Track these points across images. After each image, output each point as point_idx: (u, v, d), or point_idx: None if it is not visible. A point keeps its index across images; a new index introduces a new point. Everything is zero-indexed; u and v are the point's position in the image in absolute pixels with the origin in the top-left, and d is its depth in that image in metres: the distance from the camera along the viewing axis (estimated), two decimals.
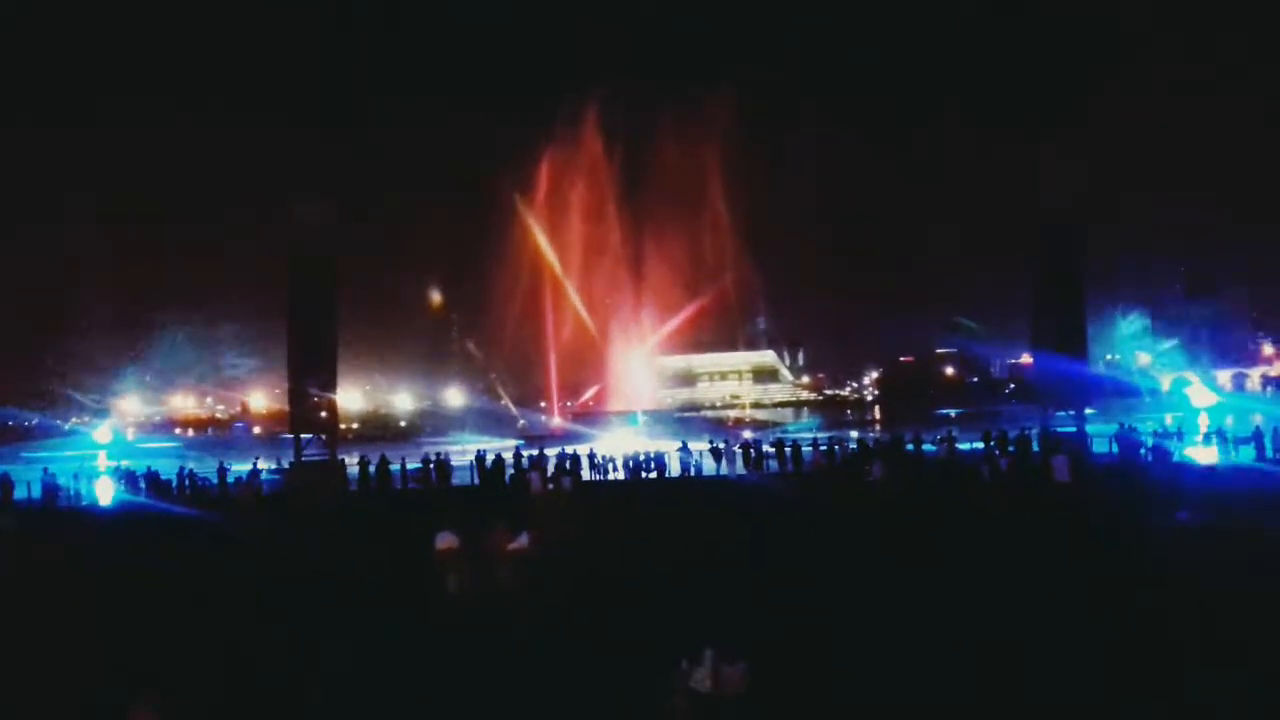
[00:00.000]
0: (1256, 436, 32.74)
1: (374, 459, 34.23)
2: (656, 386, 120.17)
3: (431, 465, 33.99)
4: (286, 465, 33.14)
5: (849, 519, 22.97)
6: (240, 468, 34.78)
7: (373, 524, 25.26)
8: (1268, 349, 67.27)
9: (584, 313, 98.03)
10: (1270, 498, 23.49)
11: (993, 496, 25.71)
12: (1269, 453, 31.62)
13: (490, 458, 34.22)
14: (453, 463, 34.44)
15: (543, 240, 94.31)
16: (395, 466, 33.70)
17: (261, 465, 34.17)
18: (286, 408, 31.55)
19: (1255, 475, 28.63)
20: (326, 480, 31.05)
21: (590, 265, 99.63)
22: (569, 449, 36.98)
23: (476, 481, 33.04)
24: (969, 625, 13.07)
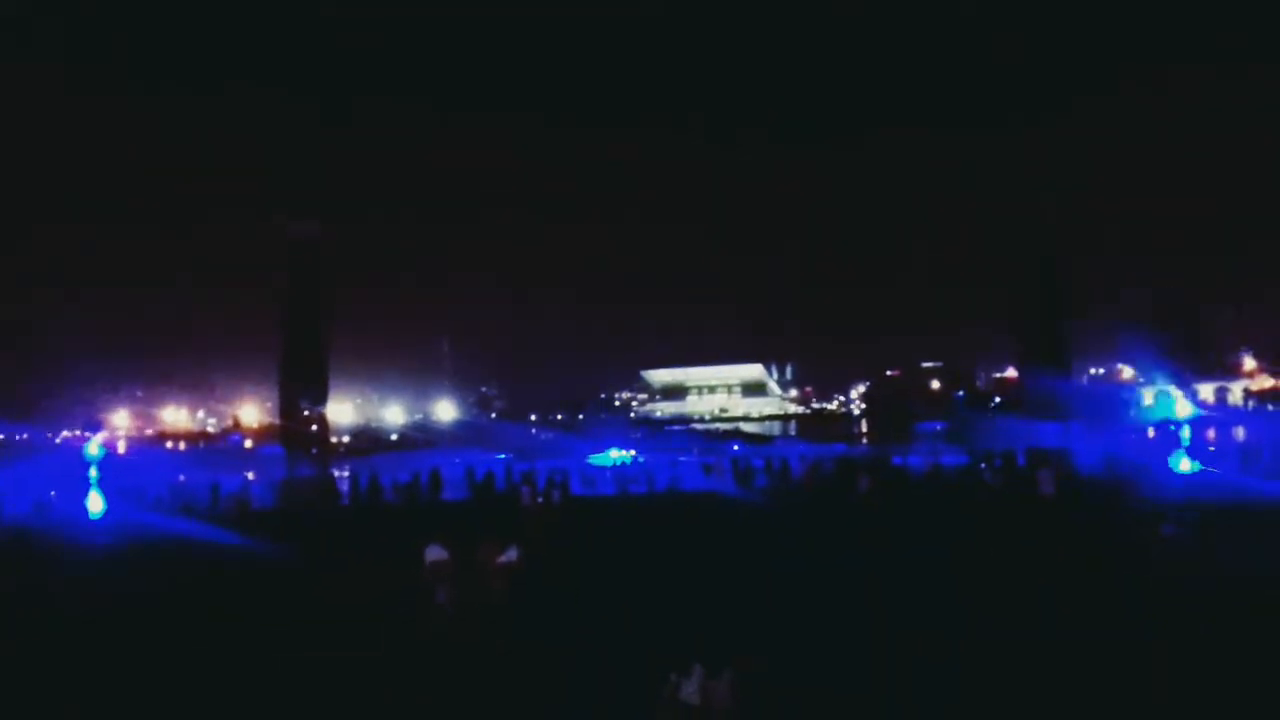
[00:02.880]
0: (1239, 449, 33.28)
1: (364, 473, 34.41)
2: (646, 399, 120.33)
3: (422, 479, 34.12)
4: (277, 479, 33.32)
5: (837, 533, 23.01)
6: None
7: (363, 538, 25.06)
8: (1249, 363, 67.96)
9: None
10: (1250, 511, 23.58)
11: (979, 509, 25.73)
12: (1253, 466, 31.94)
13: (481, 471, 34.42)
14: (443, 476, 34.52)
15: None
16: (386, 480, 33.76)
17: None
18: (277, 421, 31.88)
19: (1237, 489, 28.37)
20: (317, 494, 31.28)
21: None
22: (559, 462, 37.00)
23: (467, 495, 33.27)
24: (958, 637, 13.26)
